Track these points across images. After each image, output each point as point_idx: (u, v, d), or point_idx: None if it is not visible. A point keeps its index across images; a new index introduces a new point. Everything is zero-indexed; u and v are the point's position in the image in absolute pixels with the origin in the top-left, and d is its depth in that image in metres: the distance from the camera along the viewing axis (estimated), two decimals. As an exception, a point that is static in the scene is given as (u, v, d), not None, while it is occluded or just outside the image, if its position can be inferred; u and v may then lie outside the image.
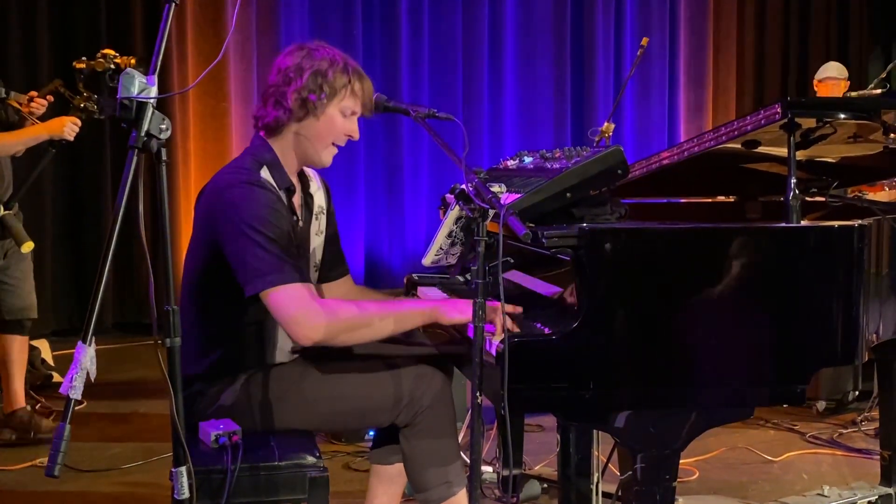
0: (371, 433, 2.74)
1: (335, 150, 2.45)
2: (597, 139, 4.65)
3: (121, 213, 1.69)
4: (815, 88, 6.03)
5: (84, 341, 1.63)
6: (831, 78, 5.78)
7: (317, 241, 2.57)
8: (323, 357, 2.53)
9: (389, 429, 2.53)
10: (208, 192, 2.40)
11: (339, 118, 2.40)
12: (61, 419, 1.62)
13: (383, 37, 7.54)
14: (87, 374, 1.62)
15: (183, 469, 1.84)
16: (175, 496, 1.85)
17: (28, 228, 6.36)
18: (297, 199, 2.48)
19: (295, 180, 2.48)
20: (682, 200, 3.46)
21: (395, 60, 7.50)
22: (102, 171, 6.69)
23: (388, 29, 7.53)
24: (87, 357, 1.62)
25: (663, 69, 8.38)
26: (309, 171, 2.57)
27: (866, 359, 2.28)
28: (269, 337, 2.43)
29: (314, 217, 2.55)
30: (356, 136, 2.45)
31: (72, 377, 1.61)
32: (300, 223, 2.47)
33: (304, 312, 2.21)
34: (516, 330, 2.14)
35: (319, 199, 2.59)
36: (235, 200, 2.29)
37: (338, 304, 2.32)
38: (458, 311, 2.26)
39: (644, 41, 4.90)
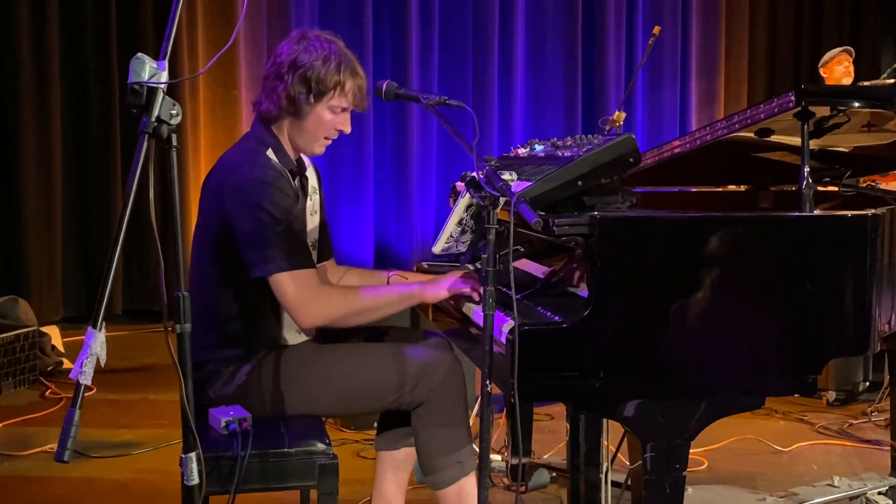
0: (378, 422, 2.74)
1: (327, 143, 2.51)
2: (607, 128, 4.64)
3: (131, 200, 1.69)
4: (823, 74, 5.98)
5: (94, 327, 1.63)
6: (838, 53, 5.77)
7: (312, 221, 2.61)
8: (334, 338, 2.54)
9: (393, 414, 2.53)
10: (216, 172, 2.43)
11: (328, 115, 2.44)
12: (71, 404, 1.62)
13: (393, 24, 7.52)
14: (98, 359, 1.62)
15: (193, 455, 1.84)
16: (185, 482, 1.85)
17: (37, 215, 6.43)
18: (295, 181, 2.52)
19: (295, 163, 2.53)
20: (693, 189, 3.45)
21: (405, 48, 7.49)
22: (112, 158, 6.70)
23: (398, 16, 7.51)
24: (97, 342, 1.61)
25: (675, 58, 8.35)
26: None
27: (878, 349, 2.26)
28: (281, 317, 2.44)
29: (309, 197, 2.59)
30: (347, 130, 2.50)
31: (82, 362, 1.61)
32: (300, 204, 2.50)
33: (309, 299, 2.28)
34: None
35: (312, 179, 2.64)
36: (246, 181, 2.32)
37: (338, 291, 2.43)
38: (440, 289, 2.37)
39: (656, 30, 4.88)
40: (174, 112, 1.74)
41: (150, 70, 1.72)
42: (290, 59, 2.40)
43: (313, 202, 2.62)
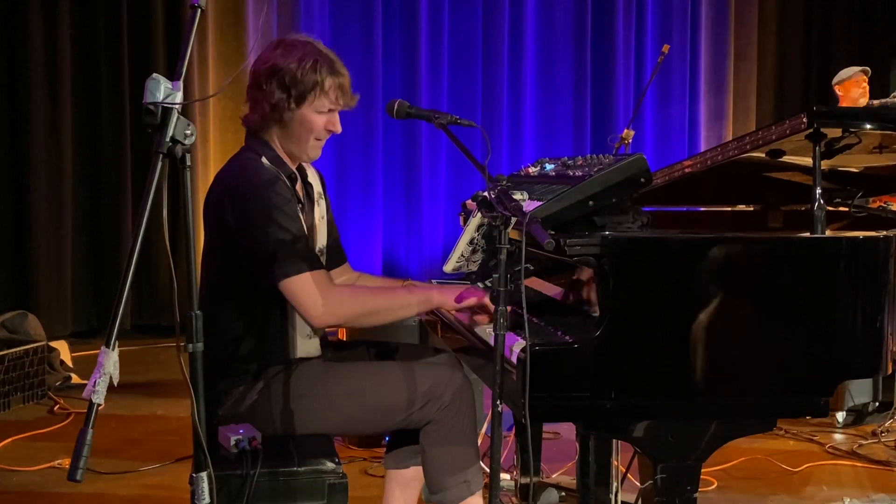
0: (387, 439, 2.73)
1: (320, 144, 2.48)
2: (617, 145, 4.64)
3: (145, 218, 1.69)
4: (838, 91, 5.91)
5: (108, 346, 1.63)
6: (857, 73, 5.71)
7: (321, 227, 2.61)
8: (344, 356, 2.54)
9: (403, 433, 2.53)
10: (215, 188, 2.45)
11: (315, 116, 2.42)
12: (84, 423, 1.62)
13: (403, 40, 7.55)
14: (111, 378, 1.62)
15: (204, 475, 1.84)
16: (195, 501, 1.85)
17: (47, 230, 6.45)
18: (298, 187, 2.52)
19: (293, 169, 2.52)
20: (702, 209, 3.44)
21: (415, 64, 7.51)
22: (123, 175, 6.72)
23: (407, 33, 7.54)
24: (110, 362, 1.62)
25: (684, 75, 8.36)
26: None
27: (890, 371, 2.25)
28: (290, 329, 2.44)
29: (315, 203, 2.59)
30: (337, 129, 2.47)
31: (95, 381, 1.61)
32: (304, 210, 2.51)
33: (319, 300, 2.28)
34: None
35: (317, 185, 2.64)
36: (242, 188, 2.33)
37: (349, 291, 2.43)
38: (456, 298, 2.36)
39: (665, 48, 4.88)
40: (188, 132, 1.75)
41: (164, 90, 1.73)
42: (267, 66, 2.41)
43: (320, 207, 2.63)
